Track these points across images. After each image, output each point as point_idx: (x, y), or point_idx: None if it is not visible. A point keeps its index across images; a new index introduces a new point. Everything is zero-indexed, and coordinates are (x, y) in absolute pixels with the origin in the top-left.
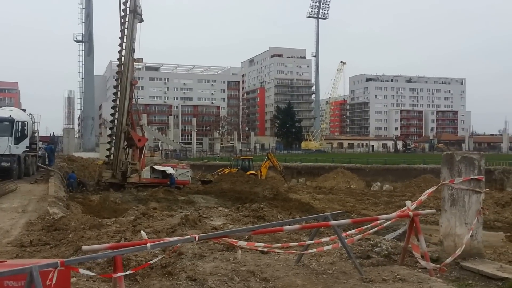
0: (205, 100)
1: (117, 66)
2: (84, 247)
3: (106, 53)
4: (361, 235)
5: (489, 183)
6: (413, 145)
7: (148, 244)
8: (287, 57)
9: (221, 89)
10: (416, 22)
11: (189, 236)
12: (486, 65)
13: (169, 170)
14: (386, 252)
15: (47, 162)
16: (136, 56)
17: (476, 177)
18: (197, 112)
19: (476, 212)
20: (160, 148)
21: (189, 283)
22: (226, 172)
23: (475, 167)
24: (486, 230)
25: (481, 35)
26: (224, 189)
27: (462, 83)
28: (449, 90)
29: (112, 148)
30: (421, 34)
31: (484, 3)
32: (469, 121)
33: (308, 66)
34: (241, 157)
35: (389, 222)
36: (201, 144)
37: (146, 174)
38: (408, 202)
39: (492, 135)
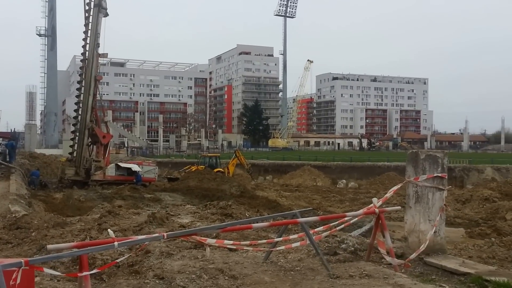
0: (172, 97)
1: (81, 61)
2: (49, 246)
3: (70, 48)
4: (328, 232)
5: (450, 181)
6: (378, 143)
7: (116, 243)
8: (255, 54)
9: (188, 86)
10: (383, 24)
11: (157, 234)
12: (448, 67)
13: (135, 167)
14: (353, 249)
15: (7, 159)
16: (100, 51)
17: (440, 174)
18: (163, 109)
19: (439, 209)
20: (126, 145)
21: (157, 281)
22: (193, 170)
23: (439, 165)
24: (447, 226)
25: (445, 39)
26: (191, 186)
27: (425, 83)
28: (413, 90)
29: (76, 145)
30: (387, 35)
31: (449, 9)
32: (431, 120)
33: (275, 64)
34: (208, 154)
35: (356, 219)
36: (167, 141)
37: (110, 171)
38: (374, 200)
39: (453, 134)
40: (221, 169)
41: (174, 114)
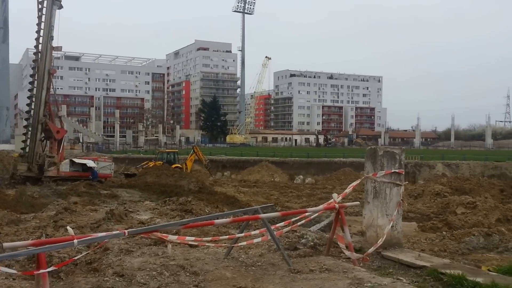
0: (128, 92)
1: (34, 54)
2: (5, 244)
3: (23, 40)
4: (289, 227)
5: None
6: (334, 139)
7: (75, 241)
8: (213, 50)
9: (145, 81)
10: (340, 23)
11: (118, 232)
12: (402, 67)
13: (90, 163)
14: (312, 243)
15: None
16: (54, 44)
17: (397, 170)
18: (120, 104)
19: (396, 204)
20: (81, 141)
21: (117, 279)
22: (150, 166)
23: (396, 161)
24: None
25: (401, 40)
26: (149, 182)
27: (379, 81)
28: (367, 88)
29: (28, 140)
30: (344, 34)
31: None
32: (385, 117)
33: (234, 61)
34: (166, 150)
35: (316, 214)
36: (124, 137)
37: (65, 167)
38: (334, 195)
39: (406, 130)
40: (179, 165)
41: (131, 109)
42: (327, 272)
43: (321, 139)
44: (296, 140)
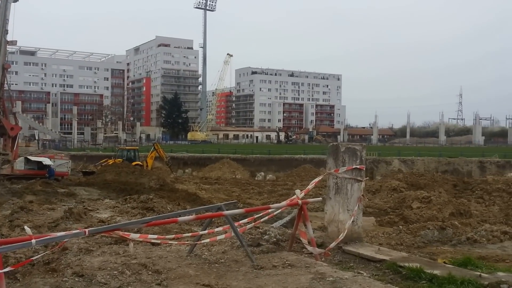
0: (87, 88)
1: None
2: None
3: None
4: (253, 224)
5: None
6: (295, 136)
7: (33, 240)
8: (174, 47)
9: (104, 77)
10: (302, 21)
11: (78, 231)
12: (361, 66)
13: (46, 161)
14: (275, 239)
15: None
16: (9, 38)
17: (358, 166)
18: (78, 100)
19: (357, 200)
20: (37, 138)
21: (76, 279)
22: (110, 163)
23: (358, 157)
24: None
25: (360, 40)
26: (108, 180)
27: (338, 79)
28: (327, 86)
29: None
30: (305, 32)
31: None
32: (344, 114)
33: (195, 57)
34: (126, 147)
35: (280, 210)
36: (82, 134)
37: (19, 165)
38: (297, 191)
39: (364, 127)
40: (139, 162)
41: (89, 106)
42: (290, 267)
43: (282, 136)
44: (257, 137)
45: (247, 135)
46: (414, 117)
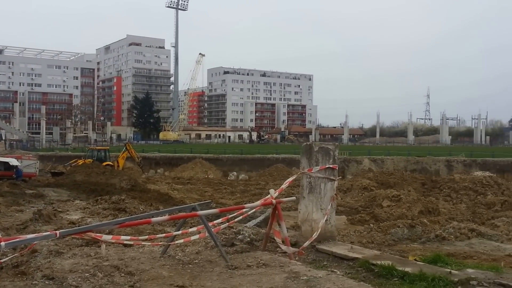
0: (56, 87)
1: None
2: None
3: None
4: (227, 223)
5: None
6: (267, 136)
7: (2, 243)
8: (146, 46)
9: (74, 76)
10: (274, 22)
11: (48, 233)
12: (332, 66)
13: (13, 161)
14: (249, 239)
15: None
16: None
17: (331, 166)
18: (46, 99)
19: (330, 199)
20: (3, 138)
21: (46, 282)
22: (80, 163)
23: (331, 157)
24: None
25: (332, 42)
26: (78, 181)
27: (310, 79)
28: (299, 86)
29: None
30: (278, 33)
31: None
32: (315, 114)
33: (167, 57)
34: (97, 147)
35: (254, 210)
36: (51, 134)
37: None
38: (271, 191)
39: (335, 127)
40: (110, 163)
41: (58, 105)
42: (264, 267)
43: (254, 135)
44: (229, 137)
45: (220, 135)
46: (384, 117)
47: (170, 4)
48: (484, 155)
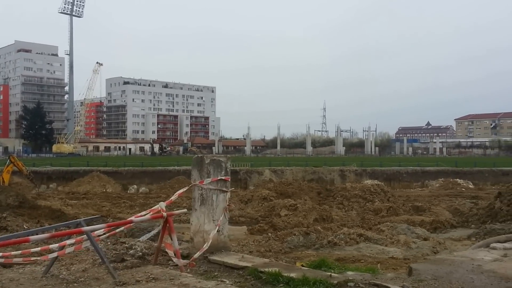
0: None
1: None
2: None
3: None
4: (108, 234)
5: (235, 183)
6: (169, 148)
7: None
8: (37, 53)
9: None
10: (176, 35)
11: None
12: (235, 81)
13: None
14: (141, 254)
15: None
16: None
17: (223, 177)
18: None
19: (223, 209)
20: None
21: None
22: None
23: (222, 168)
24: (232, 225)
25: (234, 58)
26: None
27: (213, 91)
28: (202, 97)
29: None
30: (179, 46)
31: (238, 33)
32: (218, 126)
33: (61, 65)
34: None
35: (145, 223)
36: None
37: None
38: (161, 204)
39: (238, 139)
40: None
41: None
42: (154, 281)
43: (156, 147)
44: (130, 149)
45: (120, 147)
46: (284, 129)
47: (64, 10)
48: (373, 164)
